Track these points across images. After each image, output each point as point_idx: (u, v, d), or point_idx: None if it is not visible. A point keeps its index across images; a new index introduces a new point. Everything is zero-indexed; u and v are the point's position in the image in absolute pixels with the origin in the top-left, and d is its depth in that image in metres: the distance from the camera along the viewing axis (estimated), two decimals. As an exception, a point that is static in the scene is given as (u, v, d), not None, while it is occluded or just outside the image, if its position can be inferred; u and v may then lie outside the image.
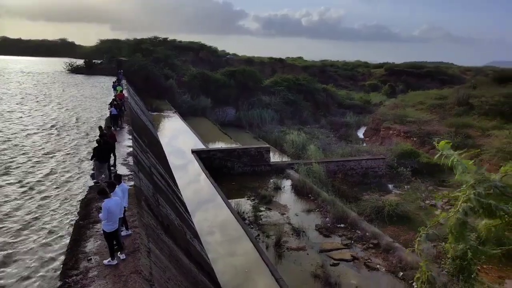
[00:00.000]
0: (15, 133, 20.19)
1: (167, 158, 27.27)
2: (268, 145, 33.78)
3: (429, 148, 36.47)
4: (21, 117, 24.92)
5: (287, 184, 27.14)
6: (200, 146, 31.31)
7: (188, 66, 78.44)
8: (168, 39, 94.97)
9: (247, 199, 23.76)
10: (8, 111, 26.49)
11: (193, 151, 28.97)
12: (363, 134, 53.31)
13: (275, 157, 34.83)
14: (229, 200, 21.09)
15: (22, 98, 33.46)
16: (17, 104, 30.27)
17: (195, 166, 26.53)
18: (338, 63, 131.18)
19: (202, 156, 28.36)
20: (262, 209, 22.17)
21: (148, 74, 59.03)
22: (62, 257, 8.19)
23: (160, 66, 64.90)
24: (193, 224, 17.50)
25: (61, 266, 7.68)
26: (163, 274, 8.44)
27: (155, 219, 11.65)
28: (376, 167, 31.06)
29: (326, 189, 24.84)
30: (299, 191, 25.35)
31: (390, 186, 29.34)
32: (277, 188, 25.95)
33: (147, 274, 7.49)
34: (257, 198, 23.78)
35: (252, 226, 19.84)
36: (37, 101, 32.29)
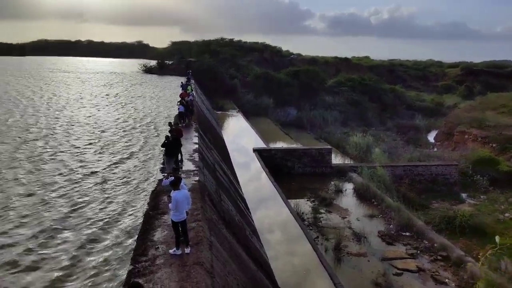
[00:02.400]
0: (91, 131, 22.19)
1: (230, 155, 28.04)
2: (330, 147, 33.13)
3: (510, 155, 33.05)
4: (93, 114, 27.30)
5: (349, 187, 26.39)
6: (261, 145, 31.72)
7: (252, 66, 79.78)
8: (234, 40, 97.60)
9: (307, 200, 23.55)
10: (82, 108, 29.21)
11: (254, 150, 29.44)
12: (434, 139, 49.87)
13: (336, 159, 34.06)
14: (289, 200, 21.09)
15: (104, 97, 36.65)
16: (93, 101, 33.26)
17: (256, 165, 26.94)
18: (408, 62, 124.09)
19: (263, 154, 28.69)
20: (322, 211, 21.83)
21: (215, 74, 61.16)
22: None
23: (226, 66, 66.90)
24: (253, 221, 17.79)
25: (132, 252, 8.29)
26: (224, 267, 8.71)
27: (217, 214, 12.05)
28: (447, 174, 28.91)
29: (390, 195, 23.71)
30: (362, 195, 24.51)
31: (464, 195, 27.11)
32: (338, 191, 25.35)
33: (208, 266, 7.79)
34: (317, 200, 23.45)
35: (311, 228, 19.63)
36: (114, 99, 35.15)
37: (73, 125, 22.73)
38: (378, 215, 21.80)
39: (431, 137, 51.33)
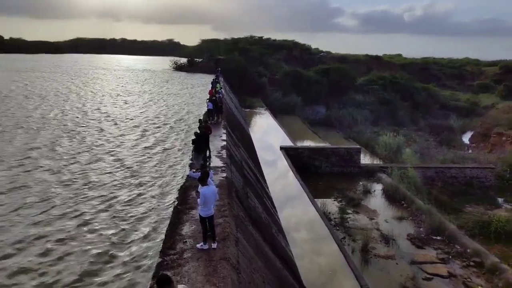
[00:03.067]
0: (124, 127, 22.87)
1: (257, 153, 28.13)
2: (358, 146, 32.56)
3: (553, 159, 31.19)
4: (127, 110, 28.12)
5: (377, 188, 25.85)
6: (288, 143, 31.61)
7: (281, 64, 79.54)
8: (263, 38, 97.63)
9: (334, 200, 23.29)
10: (117, 104, 30.13)
11: (281, 148, 29.38)
12: (469, 140, 47.92)
13: (365, 159, 33.43)
14: (315, 199, 20.94)
15: (137, 94, 37.70)
16: (127, 97, 34.25)
17: (283, 163, 26.89)
18: (443, 60, 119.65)
19: (290, 153, 28.60)
20: (349, 211, 21.52)
21: (243, 72, 61.47)
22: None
23: (254, 64, 67.09)
24: (279, 220, 17.80)
25: (161, 245, 8.51)
26: (249, 264, 8.79)
27: (243, 210, 12.15)
28: (482, 177, 27.72)
29: (421, 197, 23.04)
30: (391, 196, 23.95)
31: (500, 200, 25.90)
32: (367, 192, 24.90)
33: (234, 262, 7.88)
34: (344, 200, 23.14)
35: (338, 228, 19.40)
36: (146, 96, 36.07)
37: (107, 121, 23.56)
38: (407, 217, 21.24)
39: (466, 138, 49.36)
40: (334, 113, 54.08)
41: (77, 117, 23.86)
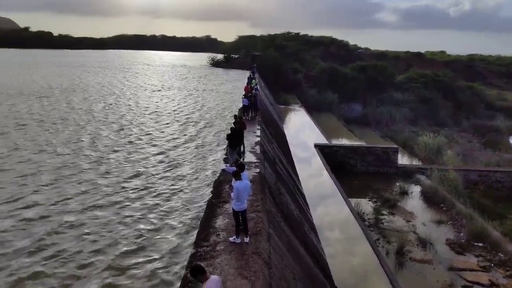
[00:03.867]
0: (163, 121, 23.53)
1: (291, 150, 28.01)
2: (396, 146, 31.56)
3: None
4: (166, 105, 28.87)
5: (415, 189, 24.96)
6: (323, 141, 31.22)
7: (317, 60, 78.51)
8: (300, 34, 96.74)
9: (369, 200, 22.75)
10: (157, 99, 31.01)
11: (315, 145, 29.07)
12: (517, 142, 45.01)
13: (403, 160, 32.35)
14: (350, 199, 20.56)
15: (176, 89, 38.65)
16: (167, 92, 35.20)
17: (317, 160, 26.60)
18: (490, 57, 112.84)
19: (324, 151, 28.23)
20: (384, 212, 20.95)
21: (279, 68, 61.27)
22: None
23: (290, 60, 66.68)
24: (311, 217, 17.65)
25: (195, 236, 8.71)
26: (281, 260, 8.79)
27: (275, 206, 12.16)
28: (532, 182, 26.00)
29: (462, 201, 21.98)
30: (429, 199, 23.05)
31: (551, 207, 24.19)
32: (404, 193, 24.10)
33: (266, 257, 7.91)
34: (380, 201, 22.53)
35: (372, 229, 18.94)
36: (184, 91, 36.90)
37: (148, 114, 24.38)
38: (446, 221, 20.35)
39: (514, 141, 46.43)
40: (371, 111, 52.67)
41: (122, 110, 24.86)
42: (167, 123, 22.28)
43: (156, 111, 25.65)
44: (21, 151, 15.26)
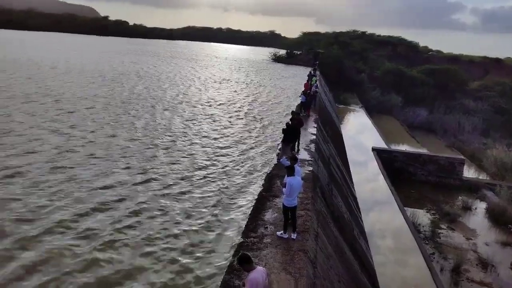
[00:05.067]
0: (220, 114, 24.15)
1: (347, 151, 27.31)
2: (462, 157, 29.38)
3: None
4: (226, 97, 29.54)
5: (480, 206, 23.08)
6: (382, 145, 30.02)
7: (382, 61, 75.32)
8: (366, 33, 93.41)
9: (426, 212, 21.49)
10: (220, 91, 31.86)
11: (373, 149, 28.04)
12: None
13: (469, 173, 30.06)
14: (405, 208, 19.61)
15: (237, 82, 39.50)
16: (228, 85, 36.05)
17: (374, 165, 25.67)
18: None
19: (382, 155, 27.12)
20: (442, 226, 19.67)
21: (341, 66, 59.77)
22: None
23: (354, 59, 64.75)
24: (362, 222, 17.14)
25: (244, 227, 8.91)
26: (327, 261, 8.68)
27: (326, 207, 11.98)
28: None
29: (535, 224, 19.93)
30: (496, 218, 21.17)
31: None
32: (466, 208, 22.40)
33: (312, 256, 7.86)
34: (438, 213, 21.18)
35: (427, 242, 17.90)
36: (245, 85, 37.54)
37: (211, 105, 25.27)
38: (514, 244, 18.60)
39: None
40: (438, 117, 49.42)
41: (190, 100, 26.02)
42: (227, 115, 22.85)
43: (219, 102, 26.47)
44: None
